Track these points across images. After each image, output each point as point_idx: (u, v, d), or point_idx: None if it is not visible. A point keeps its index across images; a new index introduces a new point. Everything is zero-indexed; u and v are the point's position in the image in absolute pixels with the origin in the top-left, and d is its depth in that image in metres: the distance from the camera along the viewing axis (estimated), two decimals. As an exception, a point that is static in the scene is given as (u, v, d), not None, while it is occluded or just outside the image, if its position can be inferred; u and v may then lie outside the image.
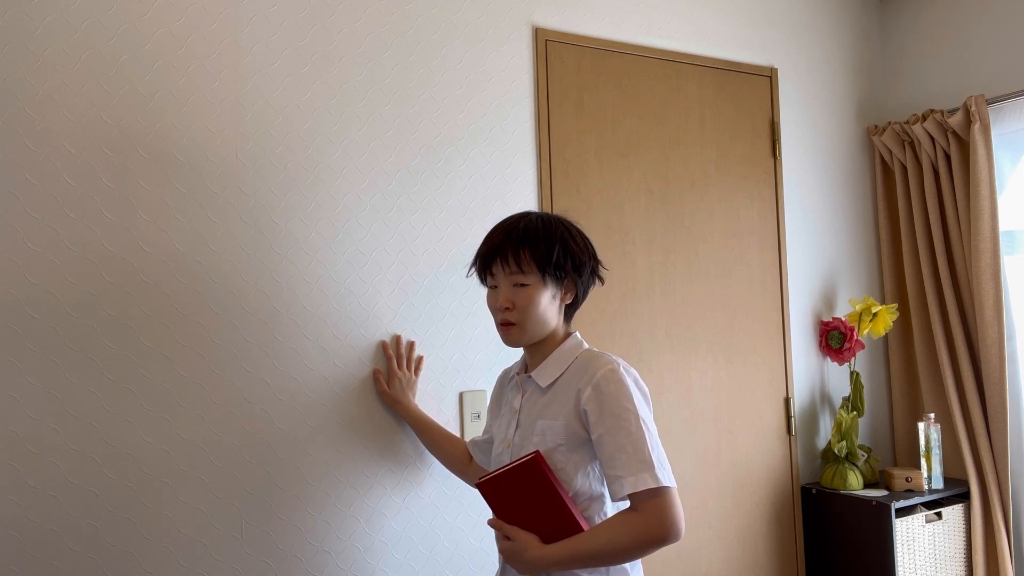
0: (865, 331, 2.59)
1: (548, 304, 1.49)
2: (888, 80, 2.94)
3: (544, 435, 1.46)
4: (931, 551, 2.44)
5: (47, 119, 1.62)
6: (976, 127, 2.47)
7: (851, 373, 2.63)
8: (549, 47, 2.24)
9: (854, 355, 2.61)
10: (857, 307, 2.61)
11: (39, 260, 1.59)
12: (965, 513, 2.53)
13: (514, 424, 1.54)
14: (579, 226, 1.55)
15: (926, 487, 2.49)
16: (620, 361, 1.47)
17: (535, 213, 1.53)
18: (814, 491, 2.55)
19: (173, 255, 1.72)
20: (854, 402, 2.60)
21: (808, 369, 2.67)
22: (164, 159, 1.72)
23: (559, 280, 1.49)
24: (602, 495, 1.46)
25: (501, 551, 1.45)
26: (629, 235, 2.33)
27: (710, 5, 2.54)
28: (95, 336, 1.64)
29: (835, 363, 2.70)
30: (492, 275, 1.50)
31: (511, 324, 1.48)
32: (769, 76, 2.64)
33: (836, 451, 2.51)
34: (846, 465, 2.51)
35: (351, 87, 1.94)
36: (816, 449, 2.66)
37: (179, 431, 1.71)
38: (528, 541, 1.40)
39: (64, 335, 1.61)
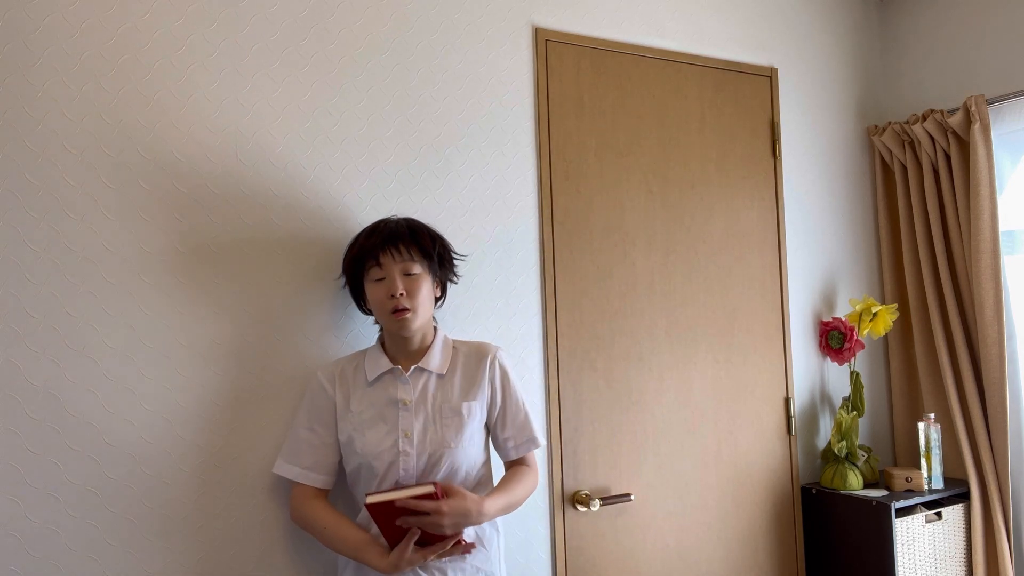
0: (865, 331, 2.59)
1: (430, 294, 1.66)
2: (888, 80, 2.94)
3: (471, 413, 1.66)
4: (931, 551, 2.45)
5: (47, 119, 1.62)
6: (976, 127, 2.47)
7: (851, 373, 2.63)
8: (549, 47, 2.24)
9: (854, 355, 2.61)
10: (857, 307, 2.61)
11: (39, 260, 1.60)
12: (965, 513, 2.53)
13: (409, 415, 1.63)
14: None
15: (926, 487, 2.49)
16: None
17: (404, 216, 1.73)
18: (814, 491, 2.55)
19: (173, 255, 1.72)
20: (854, 402, 2.60)
21: (808, 369, 2.67)
22: (164, 159, 1.72)
23: (435, 274, 1.68)
24: (488, 458, 1.74)
25: (445, 519, 1.45)
26: (629, 235, 2.33)
27: (710, 5, 2.54)
28: (95, 336, 1.64)
29: (835, 363, 2.70)
30: (380, 266, 1.60)
31: (406, 310, 1.60)
32: (769, 76, 2.64)
33: (836, 451, 2.51)
34: (846, 465, 2.51)
35: (351, 87, 1.94)
36: (816, 449, 2.66)
37: (180, 432, 1.71)
38: (472, 499, 1.52)
39: (64, 335, 1.61)
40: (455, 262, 1.77)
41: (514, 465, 1.76)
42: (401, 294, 1.59)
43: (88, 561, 1.61)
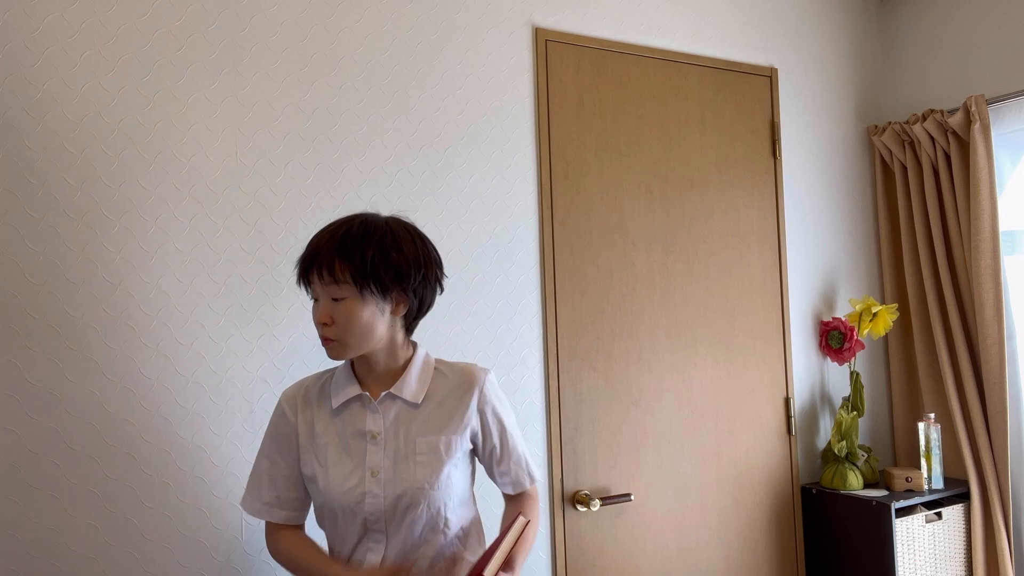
0: (865, 331, 2.59)
1: (372, 318, 1.36)
2: (888, 80, 2.94)
3: (450, 450, 1.41)
4: (931, 551, 2.44)
5: (47, 119, 1.62)
6: (976, 127, 2.47)
7: (851, 373, 2.63)
8: (549, 47, 2.24)
9: (854, 355, 2.61)
10: (857, 307, 2.61)
11: (39, 260, 1.60)
12: (965, 513, 2.53)
13: (378, 449, 1.39)
14: (414, 230, 1.42)
15: (926, 487, 2.49)
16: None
17: (362, 216, 1.39)
18: (814, 491, 2.55)
19: (173, 255, 1.72)
20: (854, 402, 2.60)
21: (808, 369, 2.67)
22: (164, 159, 1.72)
23: (381, 292, 1.35)
24: (473, 497, 1.53)
25: None
26: (629, 235, 2.33)
27: (710, 5, 2.54)
28: (95, 336, 1.64)
29: (835, 363, 2.70)
30: (311, 285, 1.37)
31: (330, 340, 1.36)
32: (769, 76, 2.64)
33: (836, 451, 2.51)
34: (846, 465, 2.51)
35: (351, 87, 1.94)
36: (816, 449, 2.66)
37: (179, 431, 1.71)
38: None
39: (64, 335, 1.61)
40: (416, 272, 1.38)
41: (513, 499, 1.56)
42: (324, 323, 1.34)
43: (88, 561, 1.61)
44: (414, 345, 1.48)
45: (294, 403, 1.46)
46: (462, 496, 1.46)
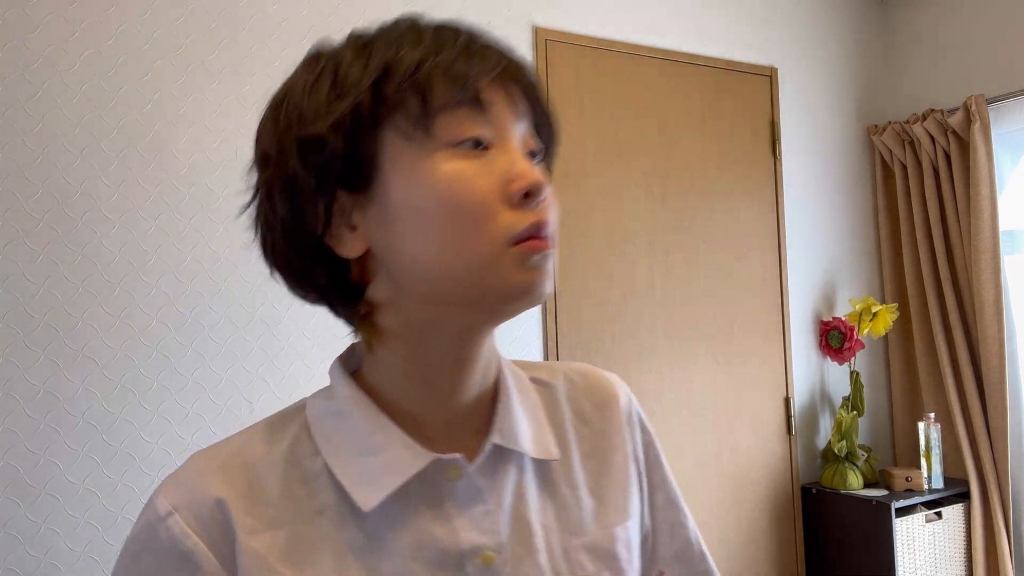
0: (865, 331, 2.59)
1: None
2: (888, 80, 2.94)
3: (630, 552, 0.65)
4: (931, 551, 2.44)
5: (47, 119, 1.62)
6: (976, 127, 2.47)
7: (851, 373, 2.63)
8: (549, 47, 2.24)
9: (854, 355, 2.61)
10: (857, 307, 2.61)
11: (39, 260, 1.60)
12: (965, 513, 2.53)
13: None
14: None
15: (926, 487, 2.49)
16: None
17: None
18: (814, 491, 2.55)
19: (173, 255, 1.72)
20: (854, 402, 2.60)
21: (808, 369, 2.66)
22: (164, 159, 1.72)
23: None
24: None
25: None
26: (629, 235, 2.33)
27: (710, 5, 2.54)
28: (95, 336, 1.64)
29: (835, 363, 2.70)
30: (484, 109, 0.59)
31: (548, 239, 0.60)
32: (769, 76, 2.64)
33: (836, 451, 2.51)
34: (846, 465, 2.51)
35: (351, 87, 1.94)
36: (816, 449, 2.66)
37: (179, 431, 1.71)
38: None
39: (64, 335, 1.61)
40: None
41: None
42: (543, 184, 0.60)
43: (88, 561, 1.61)
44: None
45: (210, 522, 0.56)
46: None
